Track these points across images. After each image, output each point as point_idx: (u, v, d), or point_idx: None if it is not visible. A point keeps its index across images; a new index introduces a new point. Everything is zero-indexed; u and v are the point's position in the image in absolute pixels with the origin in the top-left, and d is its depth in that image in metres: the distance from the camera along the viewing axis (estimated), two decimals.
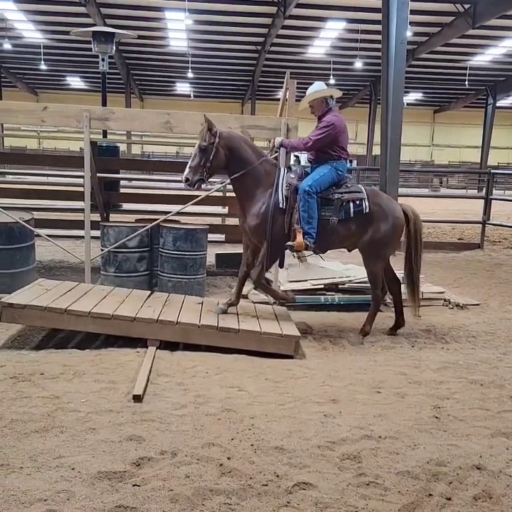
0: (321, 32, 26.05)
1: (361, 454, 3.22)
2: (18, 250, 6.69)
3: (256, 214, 5.38)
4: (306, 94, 5.65)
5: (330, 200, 5.41)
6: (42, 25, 26.55)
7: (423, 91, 39.59)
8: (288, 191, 5.36)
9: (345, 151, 5.61)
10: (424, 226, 14.84)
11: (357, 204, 5.44)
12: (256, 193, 5.41)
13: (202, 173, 5.32)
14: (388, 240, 5.60)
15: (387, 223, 5.53)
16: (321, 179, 5.41)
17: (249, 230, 5.47)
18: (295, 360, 4.97)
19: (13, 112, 6.68)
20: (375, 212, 5.50)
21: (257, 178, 5.42)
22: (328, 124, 5.43)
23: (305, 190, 5.28)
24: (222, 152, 5.33)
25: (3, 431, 3.28)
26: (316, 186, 5.33)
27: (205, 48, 29.35)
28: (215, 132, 5.29)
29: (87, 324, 4.99)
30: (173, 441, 3.25)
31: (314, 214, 5.32)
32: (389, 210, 5.60)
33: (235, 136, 5.51)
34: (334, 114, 5.56)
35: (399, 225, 5.66)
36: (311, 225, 5.31)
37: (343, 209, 5.42)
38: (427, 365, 4.90)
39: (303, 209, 5.29)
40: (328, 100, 5.59)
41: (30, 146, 39.35)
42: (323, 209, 5.39)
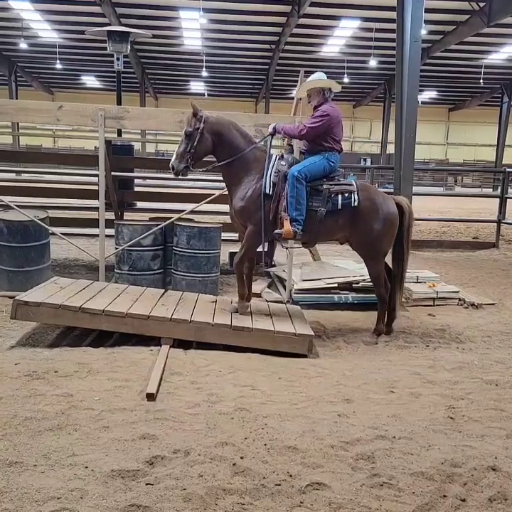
0: (336, 30, 25.94)
1: (375, 455, 3.19)
2: (33, 248, 6.74)
3: (241, 198, 5.33)
4: (306, 81, 5.63)
5: (318, 190, 5.33)
6: (57, 25, 26.71)
7: (438, 89, 39.29)
8: (276, 178, 5.28)
9: (339, 144, 5.51)
10: (439, 225, 14.88)
11: (345, 196, 5.35)
12: (244, 179, 5.36)
13: (187, 160, 5.26)
14: (382, 237, 5.49)
15: (378, 220, 5.43)
16: (311, 166, 5.33)
17: (235, 213, 5.44)
18: (309, 359, 4.95)
19: (29, 111, 6.71)
20: (365, 207, 5.39)
21: (246, 165, 5.37)
22: (323, 113, 5.35)
23: (294, 175, 5.19)
24: (208, 137, 5.27)
25: (17, 429, 3.29)
26: (305, 172, 5.24)
27: (219, 47, 29.36)
28: (200, 117, 5.24)
29: (101, 322, 5.01)
30: (186, 440, 3.24)
31: (303, 200, 5.23)
32: (381, 205, 5.48)
33: (222, 121, 5.40)
34: (330, 105, 5.47)
35: (392, 221, 5.53)
36: (299, 212, 5.21)
37: (331, 200, 5.33)
38: (442, 365, 4.86)
39: (291, 194, 5.19)
40: (325, 92, 5.50)
41: (46, 144, 39.63)
42: (311, 199, 5.30)
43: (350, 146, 48.53)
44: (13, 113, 6.74)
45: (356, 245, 5.63)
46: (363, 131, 48.13)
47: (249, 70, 35.18)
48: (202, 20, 22.51)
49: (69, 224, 8.87)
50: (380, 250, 5.59)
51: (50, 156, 13.07)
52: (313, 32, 26.17)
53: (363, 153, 46.99)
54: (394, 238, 5.65)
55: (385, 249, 5.65)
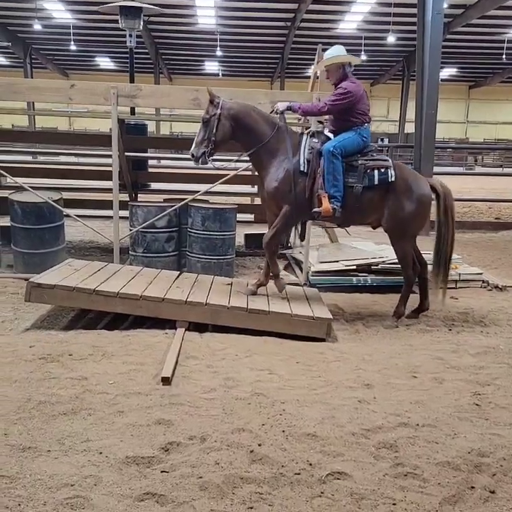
0: (353, 6, 25.36)
1: (398, 443, 3.08)
2: (48, 230, 6.69)
3: (274, 178, 5.21)
4: (324, 57, 5.43)
5: (354, 166, 5.20)
6: (71, 5, 26.47)
7: (458, 66, 38.42)
8: (310, 155, 5.17)
9: (367, 116, 5.36)
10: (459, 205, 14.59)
11: (382, 172, 5.22)
12: (273, 160, 5.23)
13: (206, 146, 5.15)
14: (414, 217, 5.34)
15: (411, 200, 5.29)
16: (345, 141, 5.19)
17: (268, 194, 5.31)
18: (327, 343, 4.83)
19: (41, 89, 6.61)
20: (400, 185, 5.26)
21: (273, 147, 5.24)
22: (344, 91, 5.18)
23: (329, 151, 5.07)
24: (226, 123, 5.14)
25: (31, 413, 3.23)
26: (340, 147, 5.11)
27: (233, 26, 28.94)
28: (217, 103, 5.13)
29: (116, 305, 4.93)
30: (202, 426, 3.15)
31: (339, 176, 5.11)
32: (415, 185, 5.34)
33: (239, 106, 5.26)
34: (351, 81, 5.29)
35: (425, 203, 5.39)
36: (337, 188, 5.10)
37: (367, 176, 5.20)
38: (466, 349, 4.71)
39: (328, 171, 5.08)
40: (345, 67, 5.31)
41: (61, 127, 39.62)
42: (347, 175, 5.18)
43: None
44: (26, 92, 6.62)
45: (387, 224, 5.42)
46: (380, 110, 47.37)
47: (264, 49, 34.70)
48: None
49: (83, 206, 8.80)
50: (409, 231, 5.44)
51: (64, 136, 12.97)
52: (329, 8, 25.64)
53: (381, 132, 46.37)
54: (426, 221, 5.52)
55: (414, 231, 5.50)
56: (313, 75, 7.46)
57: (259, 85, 41.71)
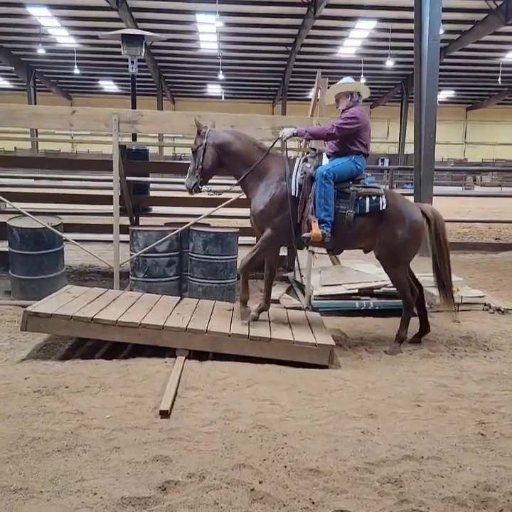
0: (352, 31, 25.73)
1: (403, 477, 2.99)
2: (47, 256, 6.64)
3: (261, 202, 5.19)
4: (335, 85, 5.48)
5: (345, 193, 5.18)
6: (75, 31, 26.84)
7: (455, 88, 38.79)
8: (302, 179, 5.15)
9: (366, 148, 5.36)
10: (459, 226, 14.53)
11: (373, 200, 5.19)
12: (261, 184, 5.22)
13: (197, 176, 5.26)
14: (406, 244, 5.30)
15: (404, 227, 5.24)
16: (339, 167, 5.18)
17: (254, 217, 5.29)
18: (329, 370, 4.74)
19: (42, 116, 6.62)
20: (391, 212, 5.23)
21: (262, 171, 5.23)
22: (352, 115, 5.21)
23: (322, 174, 5.04)
24: (212, 151, 5.21)
25: (24, 450, 3.13)
26: (333, 172, 5.10)
27: (235, 50, 29.28)
28: (203, 133, 5.23)
29: (114, 333, 4.85)
30: (202, 462, 3.06)
31: (331, 201, 5.07)
32: (406, 213, 5.31)
33: (223, 133, 5.35)
34: (359, 108, 5.34)
35: (417, 229, 5.35)
36: (328, 213, 5.05)
37: (359, 203, 5.17)
38: (469, 375, 4.63)
39: (319, 195, 5.04)
40: (354, 95, 5.36)
41: (64, 149, 39.81)
42: (339, 202, 5.14)
43: None
44: (27, 118, 6.61)
45: (379, 252, 5.40)
46: (380, 132, 47.65)
47: (265, 72, 35.05)
48: (218, 24, 22.41)
49: (84, 230, 8.76)
50: (403, 258, 5.39)
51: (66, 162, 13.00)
52: (329, 33, 25.99)
53: (381, 153, 46.58)
54: (418, 247, 5.47)
55: (407, 258, 5.45)
56: (313, 99, 7.47)
57: (261, 107, 42.08)
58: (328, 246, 5.40)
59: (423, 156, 10.58)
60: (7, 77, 37.92)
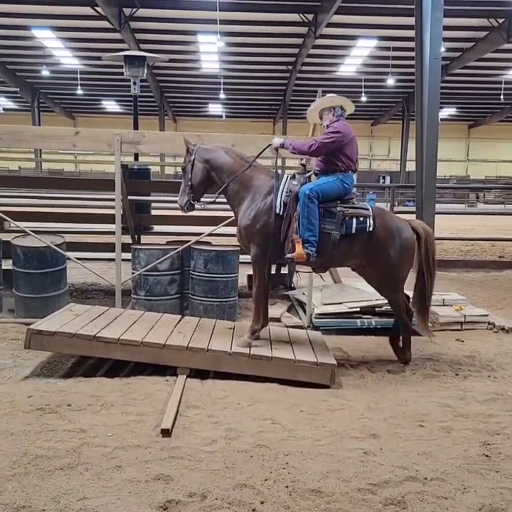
0: (353, 50, 25.94)
1: (406, 499, 2.96)
2: (50, 274, 6.67)
3: (244, 217, 5.15)
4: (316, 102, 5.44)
5: (332, 212, 5.07)
6: (78, 52, 27.16)
7: (457, 106, 39.00)
8: (288, 198, 5.06)
9: (354, 163, 5.24)
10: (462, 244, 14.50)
11: (360, 221, 5.07)
12: (245, 198, 5.20)
13: (188, 194, 5.33)
14: (399, 263, 5.23)
15: (395, 246, 5.17)
16: (323, 186, 5.08)
17: (240, 232, 5.25)
18: (331, 389, 4.72)
19: (45, 137, 6.71)
20: (380, 233, 5.13)
21: (245, 184, 5.21)
22: (334, 130, 5.10)
23: (305, 194, 4.95)
24: (199, 166, 5.28)
25: (27, 468, 3.13)
26: (317, 191, 4.99)
27: (236, 70, 29.56)
28: (191, 150, 5.30)
29: (116, 352, 4.86)
30: (203, 482, 3.04)
31: (315, 220, 4.96)
32: (397, 231, 5.23)
33: (210, 148, 5.42)
34: (343, 123, 5.21)
35: (408, 247, 5.28)
36: (312, 233, 4.95)
37: (345, 224, 5.06)
38: (473, 396, 4.60)
39: (302, 214, 4.94)
40: (336, 109, 5.27)
41: (68, 169, 40.06)
42: (325, 222, 5.04)
43: (368, 164, 48.37)
44: (30, 140, 6.69)
45: (373, 273, 5.37)
46: (381, 149, 47.95)
47: (266, 91, 35.34)
48: (219, 44, 22.64)
49: (86, 248, 8.80)
50: (398, 277, 5.34)
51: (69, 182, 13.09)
52: (330, 52, 26.21)
53: (382, 171, 46.78)
54: (411, 265, 5.42)
55: (402, 276, 5.38)
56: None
57: (262, 126, 42.33)
58: (313, 265, 5.31)
59: (425, 174, 10.58)
60: (12, 98, 38.27)
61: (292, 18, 21.56)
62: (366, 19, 21.42)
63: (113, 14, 20.66)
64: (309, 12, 21.10)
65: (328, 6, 19.16)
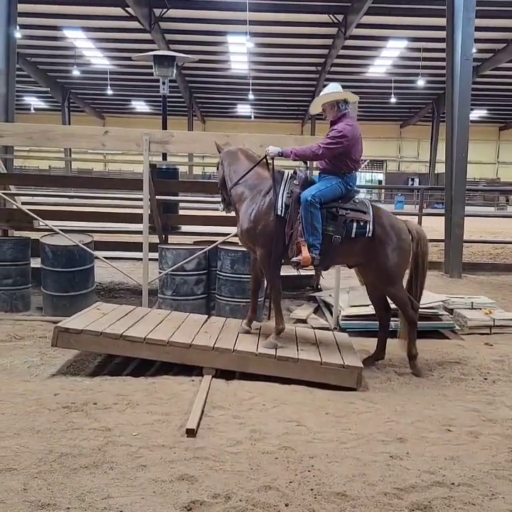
0: (382, 51, 25.78)
1: (432, 504, 2.92)
2: (78, 273, 6.74)
3: (247, 217, 5.13)
4: (319, 95, 5.30)
5: (333, 215, 5.03)
6: (109, 52, 27.51)
7: (488, 108, 38.45)
8: (289, 199, 5.02)
9: (358, 163, 5.19)
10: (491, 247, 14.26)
11: (360, 225, 5.03)
12: (247, 198, 5.18)
13: (222, 195, 5.55)
14: (398, 263, 5.20)
15: (393, 248, 5.13)
16: (326, 190, 5.02)
17: (241, 233, 5.24)
18: (357, 392, 4.68)
19: (75, 136, 6.78)
20: (380, 235, 5.09)
21: (251, 184, 5.21)
22: (339, 133, 4.96)
23: (307, 200, 4.90)
24: (225, 169, 5.41)
25: (52, 466, 3.15)
26: (319, 197, 4.94)
27: (265, 70, 29.59)
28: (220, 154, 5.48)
29: (142, 350, 4.88)
30: (227, 483, 3.03)
31: (318, 224, 4.94)
32: (395, 232, 5.18)
33: (230, 151, 5.49)
34: (347, 123, 5.05)
35: (406, 248, 5.24)
36: (316, 237, 4.94)
37: (346, 226, 5.02)
38: (502, 401, 4.52)
39: (306, 220, 4.90)
40: (340, 104, 5.10)
41: (97, 168, 40.55)
42: (327, 223, 5.02)
43: (397, 166, 47.98)
44: (60, 139, 6.76)
45: (375, 276, 5.34)
46: (410, 151, 47.52)
47: (295, 92, 35.30)
48: (249, 45, 22.70)
49: (114, 248, 8.88)
50: (398, 275, 5.31)
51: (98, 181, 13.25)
52: (359, 53, 26.08)
53: (411, 172, 46.35)
54: (408, 264, 5.39)
55: (400, 275, 5.35)
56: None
57: (290, 127, 42.31)
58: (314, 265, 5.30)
59: (454, 176, 10.47)
60: (43, 98, 38.93)
61: (322, 19, 21.50)
62: (396, 20, 21.27)
63: (143, 15, 20.86)
64: (339, 13, 21.02)
65: (359, 7, 19.06)
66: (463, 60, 10.08)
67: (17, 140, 6.89)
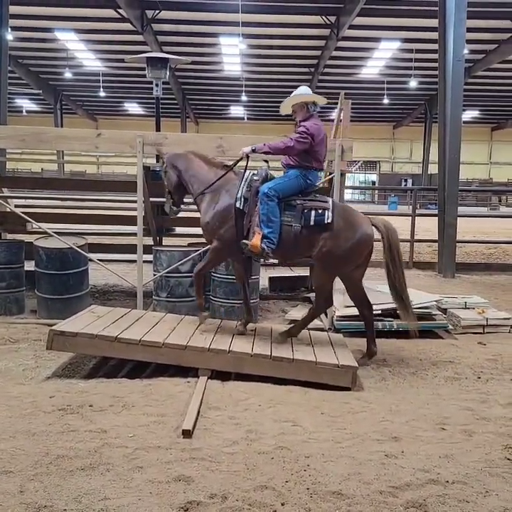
0: (375, 52, 25.89)
1: (427, 502, 2.94)
2: (72, 275, 6.73)
3: (206, 213, 5.31)
4: (289, 96, 5.47)
5: (292, 205, 5.15)
6: (101, 54, 27.48)
7: (480, 108, 38.67)
8: (248, 193, 5.17)
9: (321, 163, 5.35)
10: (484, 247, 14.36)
11: (319, 213, 5.11)
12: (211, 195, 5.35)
13: (169, 200, 5.63)
14: (348, 255, 5.20)
15: (351, 239, 5.15)
16: (284, 184, 5.17)
17: (202, 227, 5.42)
18: (352, 392, 4.70)
19: (68, 138, 6.79)
20: (339, 225, 5.13)
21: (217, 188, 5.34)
22: (306, 131, 5.14)
23: (264, 193, 5.05)
24: (171, 173, 5.53)
25: (49, 468, 3.15)
26: (276, 190, 5.08)
27: (258, 72, 29.66)
28: (163, 158, 5.58)
29: (138, 352, 4.89)
30: (224, 483, 3.05)
31: (275, 218, 5.05)
32: (354, 225, 5.21)
33: (177, 154, 5.61)
34: (314, 122, 5.26)
35: (364, 242, 5.23)
36: (271, 230, 5.04)
37: (304, 216, 5.12)
38: (495, 399, 4.55)
39: (262, 212, 5.05)
40: (309, 106, 5.33)
41: (90, 170, 40.45)
42: (285, 214, 5.13)
43: (390, 167, 48.13)
44: (53, 141, 6.77)
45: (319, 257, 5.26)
46: (403, 152, 47.70)
47: (288, 94, 35.21)
48: (241, 46, 22.76)
49: (108, 250, 8.87)
50: (342, 268, 5.32)
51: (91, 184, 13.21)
52: (352, 54, 26.17)
53: (404, 173, 46.51)
54: (358, 260, 5.36)
55: (342, 268, 5.35)
56: (336, 120, 7.51)
57: (284, 128, 42.10)
58: (276, 257, 5.44)
59: (447, 176, 10.53)
60: (35, 100, 38.85)
61: (314, 21, 21.57)
62: (389, 21, 21.37)
63: (135, 16, 20.86)
64: (332, 14, 21.10)
65: (351, 8, 19.14)
66: (455, 61, 10.15)
67: (9, 143, 6.87)
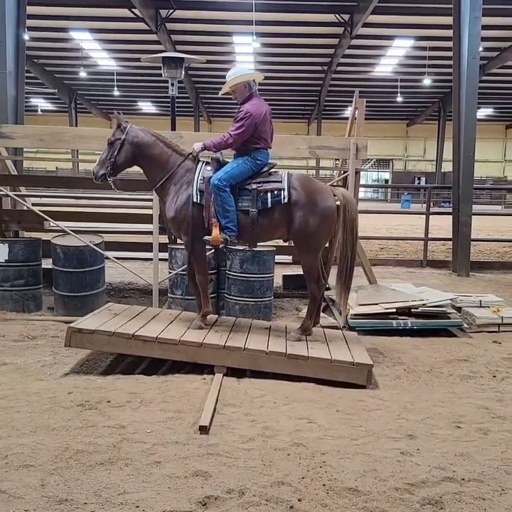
0: (388, 50, 25.80)
1: (443, 499, 2.95)
2: (89, 273, 6.80)
3: (170, 207, 5.27)
4: (226, 78, 5.33)
5: (247, 190, 5.13)
6: (115, 53, 27.63)
7: (494, 106, 38.39)
8: (203, 185, 5.14)
9: (267, 141, 5.29)
10: (499, 245, 14.26)
11: (275, 194, 5.10)
12: (172, 188, 5.28)
13: (107, 167, 5.32)
14: (318, 230, 5.15)
15: (314, 213, 5.10)
16: (232, 171, 5.12)
17: (168, 222, 5.42)
18: (367, 390, 4.72)
19: (85, 138, 6.85)
20: (298, 201, 5.10)
21: (176, 177, 5.28)
22: (244, 115, 5.08)
23: (215, 184, 5.03)
24: (128, 148, 5.29)
25: (69, 462, 3.20)
26: (226, 179, 5.05)
27: (271, 70, 29.61)
28: (123, 128, 5.32)
29: (154, 350, 4.94)
30: (241, 479, 3.08)
31: (230, 207, 5.04)
32: (316, 199, 5.15)
33: (143, 134, 5.36)
34: (252, 103, 5.19)
35: (328, 214, 5.18)
36: (228, 219, 5.05)
37: (260, 199, 5.10)
38: (511, 398, 4.54)
39: (216, 203, 5.04)
40: (251, 84, 5.26)
41: None
42: (241, 200, 5.12)
43: (404, 165, 47.91)
44: (70, 140, 6.85)
45: (294, 239, 5.33)
46: (416, 150, 47.46)
47: (301, 92, 35.34)
48: (255, 45, 22.76)
49: (124, 248, 8.95)
50: (315, 244, 5.27)
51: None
52: (365, 52, 26.10)
53: (417, 171, 46.29)
54: (331, 233, 5.42)
55: (320, 244, 5.33)
56: (351, 118, 7.51)
57: (297, 127, 42.33)
58: (245, 243, 5.41)
59: (462, 175, 10.49)
60: (50, 99, 39.14)
61: (328, 19, 21.54)
62: (403, 19, 21.28)
63: (150, 16, 20.95)
64: (345, 12, 21.05)
65: (365, 6, 19.08)
66: (470, 59, 10.11)
67: (28, 142, 6.95)
